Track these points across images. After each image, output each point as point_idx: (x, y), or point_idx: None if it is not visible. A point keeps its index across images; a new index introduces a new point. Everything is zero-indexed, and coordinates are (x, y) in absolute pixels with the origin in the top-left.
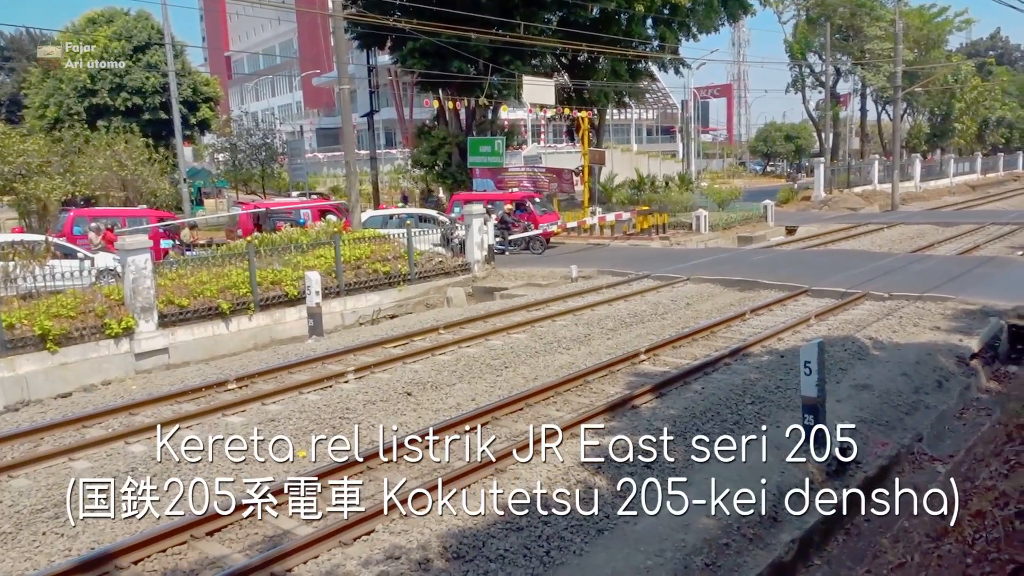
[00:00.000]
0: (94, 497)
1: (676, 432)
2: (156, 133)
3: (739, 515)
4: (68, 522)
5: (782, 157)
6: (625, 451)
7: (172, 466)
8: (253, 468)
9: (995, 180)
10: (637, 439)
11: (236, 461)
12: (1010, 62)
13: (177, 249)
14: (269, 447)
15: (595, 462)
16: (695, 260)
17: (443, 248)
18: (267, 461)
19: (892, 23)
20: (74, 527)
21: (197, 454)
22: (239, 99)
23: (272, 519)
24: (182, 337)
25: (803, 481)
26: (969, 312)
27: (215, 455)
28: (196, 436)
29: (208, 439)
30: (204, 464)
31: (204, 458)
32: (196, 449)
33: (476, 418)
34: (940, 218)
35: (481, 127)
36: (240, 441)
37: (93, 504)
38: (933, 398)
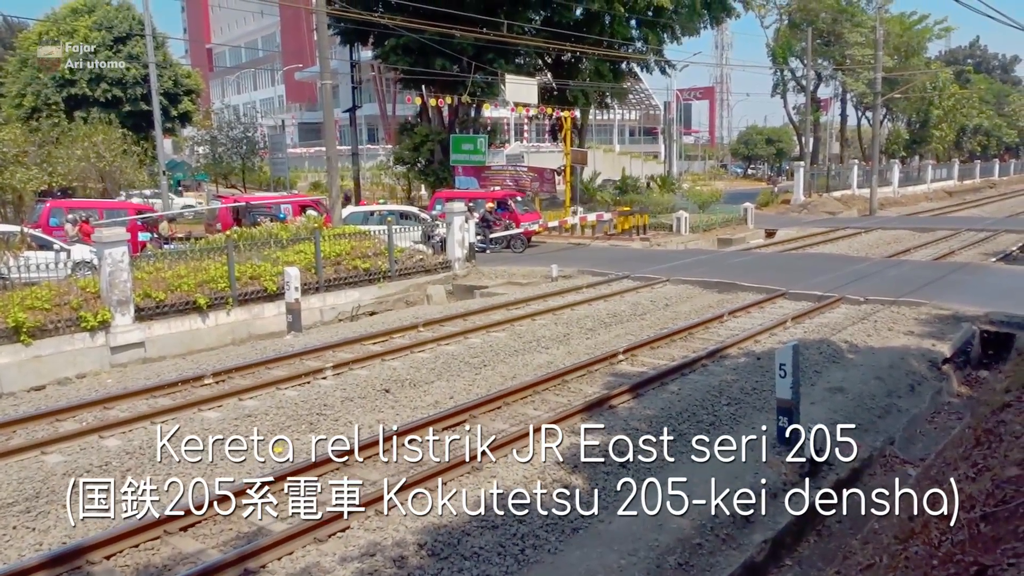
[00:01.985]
0: (70, 492)
1: (652, 432)
2: (136, 125)
3: (712, 515)
4: (39, 516)
5: (763, 160)
6: (601, 451)
7: (147, 461)
8: (228, 464)
9: (972, 187)
10: (613, 439)
11: (213, 456)
12: (988, 70)
13: (155, 243)
14: (246, 443)
15: (571, 461)
16: (675, 261)
17: (424, 245)
18: (245, 458)
19: (873, 30)
20: (46, 521)
21: (173, 448)
22: (220, 92)
23: (247, 516)
24: (159, 331)
25: (776, 482)
26: (942, 317)
27: (191, 451)
28: (172, 431)
29: (184, 434)
30: (180, 460)
31: (180, 453)
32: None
33: (453, 416)
34: (917, 224)
35: (464, 125)
36: (218, 437)
37: (65, 499)
38: (905, 402)
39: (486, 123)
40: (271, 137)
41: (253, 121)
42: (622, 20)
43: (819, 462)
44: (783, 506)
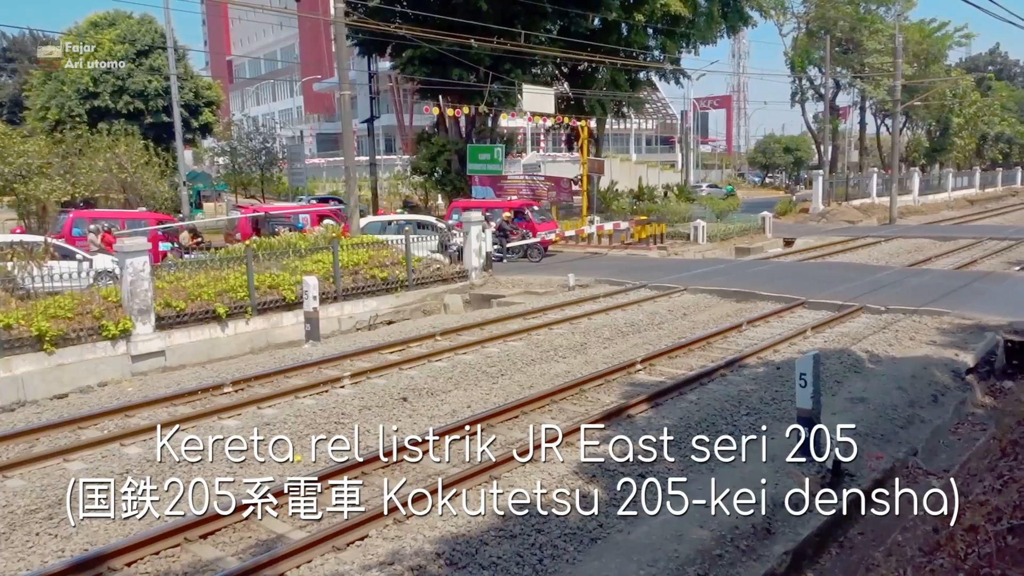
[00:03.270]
0: (90, 498)
1: (671, 442)
2: (158, 136)
3: (733, 526)
4: (62, 523)
5: (781, 169)
6: (620, 460)
7: (168, 468)
8: (249, 471)
9: (993, 195)
10: (632, 448)
11: (233, 463)
12: (1009, 77)
13: (176, 252)
14: (268, 449)
15: (590, 471)
16: (692, 270)
17: (441, 255)
18: (265, 463)
19: (892, 37)
20: (68, 528)
21: (194, 456)
22: (240, 103)
23: (267, 522)
24: (179, 340)
25: (797, 493)
26: (965, 327)
27: (212, 458)
28: (194, 438)
29: (206, 441)
30: (200, 466)
31: (200, 460)
32: (193, 451)
33: (471, 425)
34: (938, 232)
35: (481, 135)
36: (239, 443)
37: (88, 505)
38: (928, 412)
39: (503, 133)
40: (290, 148)
41: (272, 132)
42: (639, 29)
43: (841, 473)
44: (804, 517)
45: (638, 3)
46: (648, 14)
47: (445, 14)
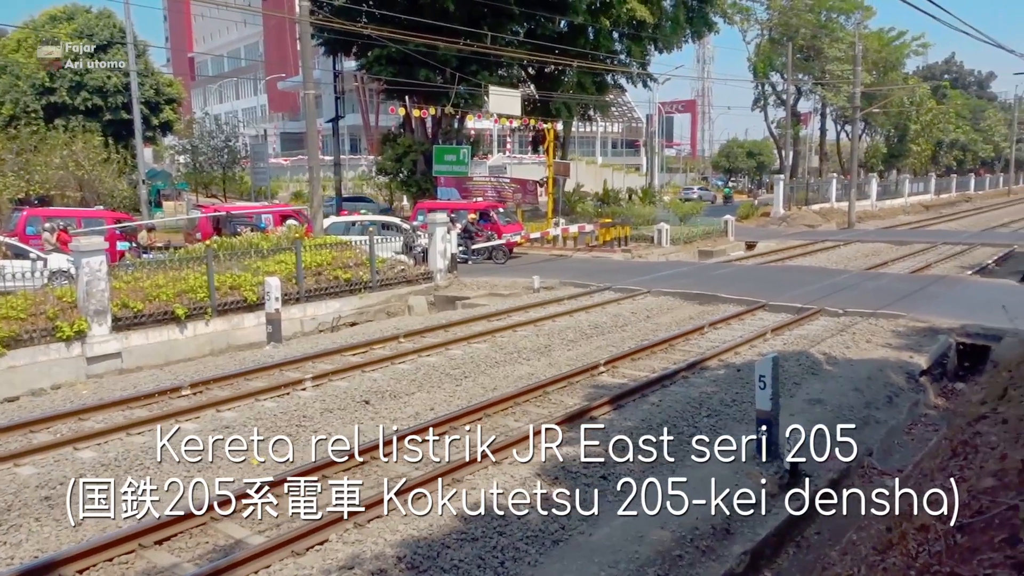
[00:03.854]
0: (40, 504)
1: (633, 444)
2: (117, 133)
3: (693, 527)
4: (12, 529)
5: (744, 173)
6: (582, 462)
7: (123, 472)
8: (207, 475)
9: (948, 200)
10: (594, 450)
11: (191, 467)
12: (964, 86)
13: (134, 252)
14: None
15: (552, 473)
16: (656, 273)
17: (405, 256)
18: (223, 467)
19: (852, 45)
20: (18, 535)
21: (150, 459)
22: (202, 101)
23: (225, 527)
24: (136, 341)
25: (756, 494)
26: (919, 330)
27: (168, 461)
28: (148, 441)
29: (161, 445)
30: (157, 470)
31: (157, 464)
32: (150, 454)
33: (434, 427)
34: (894, 237)
35: (447, 136)
36: (196, 446)
37: (39, 511)
38: (883, 413)
39: (469, 134)
40: (253, 146)
41: (235, 130)
42: (605, 33)
43: (799, 473)
44: (762, 517)
45: (604, 7)
46: (614, 19)
47: (412, 14)
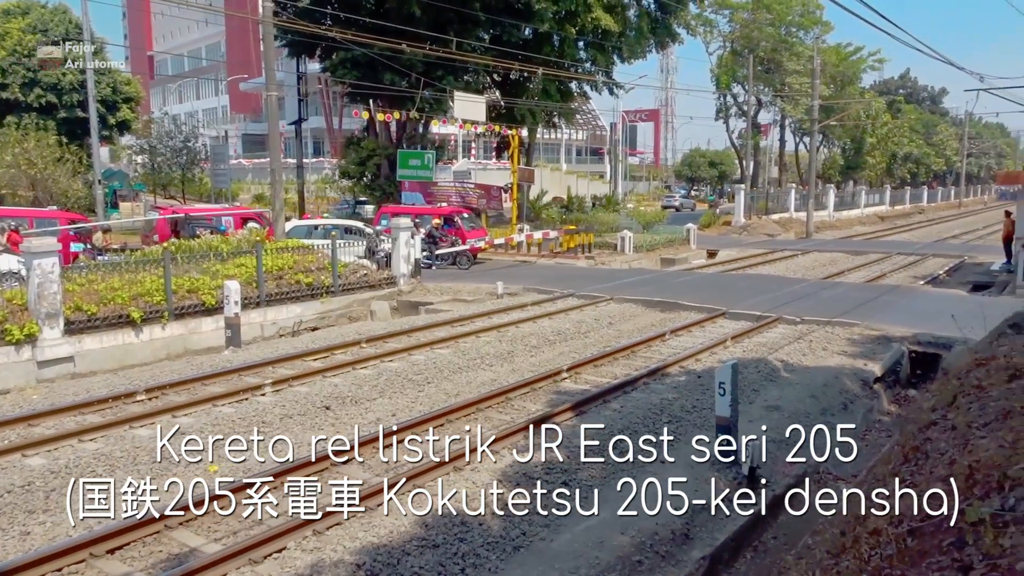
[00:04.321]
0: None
1: (594, 450)
2: (72, 132)
3: (653, 532)
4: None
5: (706, 182)
6: (544, 468)
7: (75, 480)
8: (162, 482)
9: (902, 212)
10: (555, 457)
11: (145, 474)
12: (918, 101)
13: (88, 253)
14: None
15: (514, 479)
16: (619, 280)
17: (368, 261)
18: (179, 473)
19: (810, 59)
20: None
21: (103, 466)
22: (162, 101)
23: (180, 535)
24: (90, 345)
25: (715, 499)
26: (874, 338)
27: (123, 468)
28: (101, 448)
29: (116, 451)
30: (110, 477)
31: (111, 471)
32: (103, 461)
33: (396, 433)
34: (851, 247)
35: (411, 140)
36: (152, 452)
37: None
38: (839, 420)
39: (434, 139)
40: (213, 148)
41: (195, 131)
42: (570, 41)
43: (757, 479)
44: (721, 522)
45: (570, 16)
46: (579, 27)
47: (377, 18)
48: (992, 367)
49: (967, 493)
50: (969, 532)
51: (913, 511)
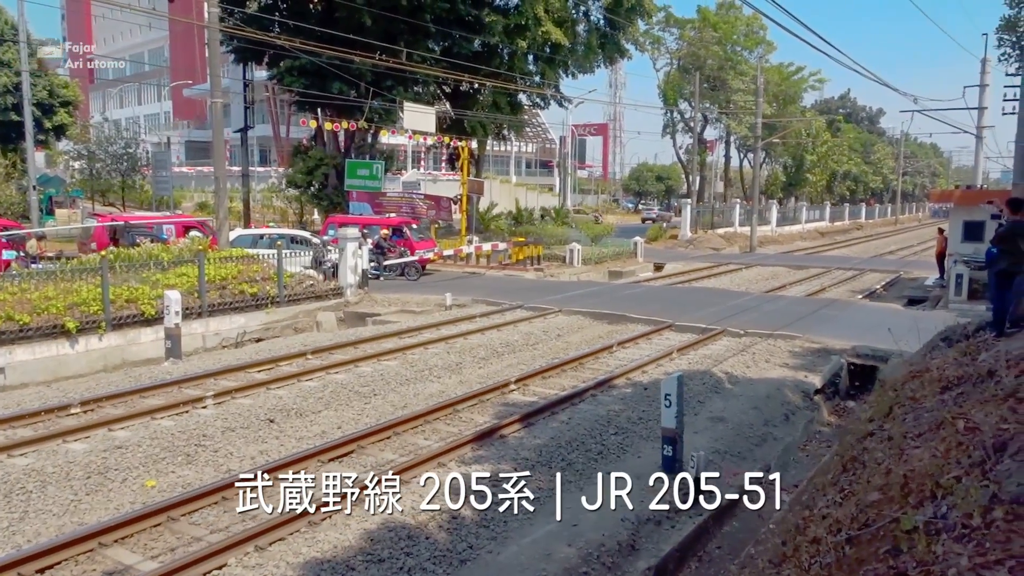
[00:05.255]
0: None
1: (542, 462)
2: (5, 136)
3: (599, 543)
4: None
5: (653, 196)
6: (491, 481)
7: (1, 497)
8: (97, 498)
9: (841, 228)
10: (503, 469)
11: (78, 491)
12: (857, 121)
13: (21, 261)
14: (119, 475)
15: (461, 492)
16: (567, 292)
17: (315, 271)
18: (115, 490)
19: (754, 78)
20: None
21: (34, 482)
22: (101, 105)
23: (115, 553)
24: (21, 356)
25: (661, 510)
26: (814, 350)
27: (55, 483)
28: (32, 463)
29: (48, 466)
30: (41, 493)
31: (42, 486)
32: (34, 477)
33: (341, 446)
34: (792, 261)
35: (360, 150)
36: (87, 468)
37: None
38: (780, 430)
39: (383, 149)
40: (155, 154)
41: (136, 137)
42: (520, 55)
43: (701, 490)
44: (667, 533)
45: (520, 29)
46: (530, 40)
47: (327, 27)
48: (926, 379)
49: (902, 502)
50: (904, 540)
51: (851, 520)
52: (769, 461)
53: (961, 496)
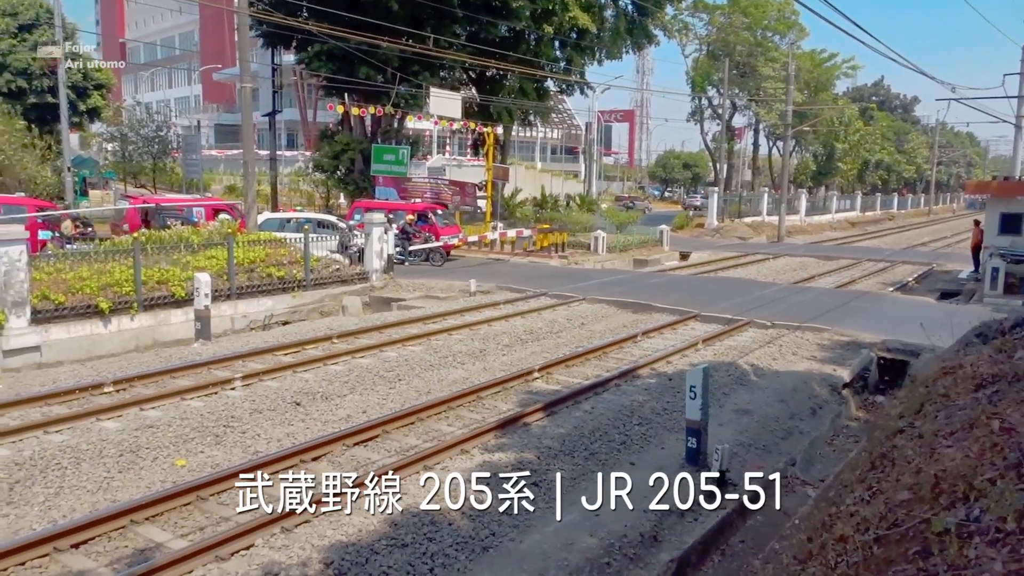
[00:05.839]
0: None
1: (565, 451)
2: (41, 118)
3: (621, 534)
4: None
5: (679, 184)
6: (514, 469)
7: (39, 472)
8: (129, 476)
9: (873, 218)
10: (526, 457)
11: (111, 468)
12: (890, 109)
13: (57, 242)
14: (151, 453)
15: (484, 479)
16: (592, 280)
17: (341, 255)
18: (147, 468)
19: (785, 65)
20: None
21: (69, 458)
22: (134, 88)
23: (145, 531)
24: (57, 335)
25: (684, 502)
26: (843, 343)
27: (89, 460)
28: (67, 440)
29: (82, 443)
30: (75, 470)
31: (76, 463)
32: (69, 453)
33: (366, 431)
34: (821, 252)
35: (386, 135)
36: (120, 446)
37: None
38: (807, 424)
39: (409, 134)
40: (185, 137)
41: (167, 120)
42: (547, 40)
43: (725, 482)
44: (690, 526)
45: (547, 14)
46: (556, 26)
47: (354, 11)
48: (959, 376)
49: (933, 503)
50: (934, 542)
51: (879, 519)
52: (795, 455)
53: (995, 499)
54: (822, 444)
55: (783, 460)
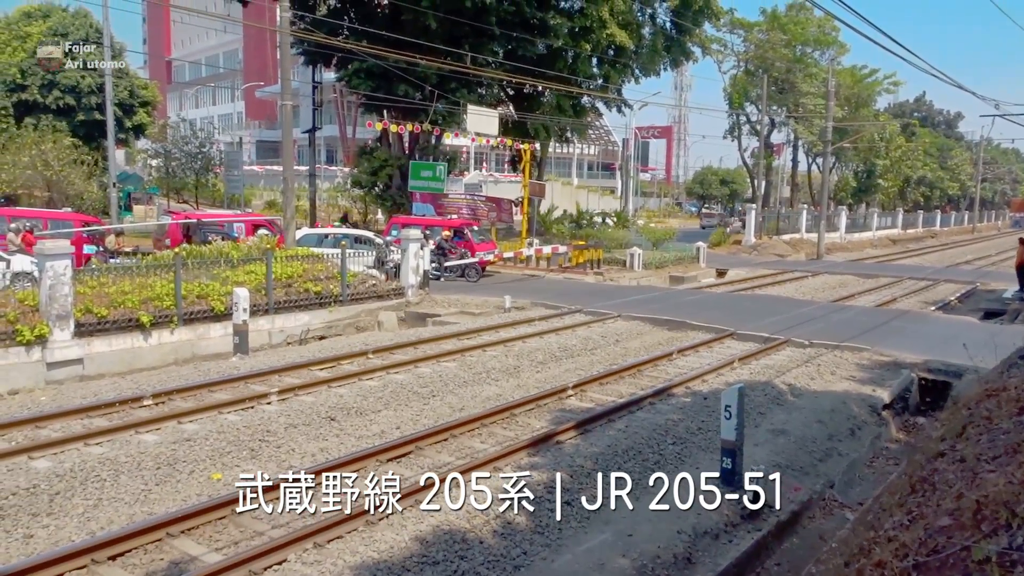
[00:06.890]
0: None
1: (598, 470)
2: (88, 134)
3: (655, 555)
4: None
5: (717, 200)
6: (546, 487)
7: (79, 484)
8: (166, 488)
9: (914, 236)
10: (558, 476)
11: (149, 481)
12: (933, 125)
13: (100, 256)
14: (187, 466)
15: (516, 498)
16: (627, 297)
17: (377, 271)
18: (183, 481)
19: (825, 81)
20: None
21: (108, 471)
22: (178, 105)
23: (181, 544)
24: (99, 348)
25: (719, 523)
26: (883, 363)
27: (127, 473)
28: (107, 452)
29: (121, 456)
30: (114, 483)
31: (115, 475)
32: (108, 466)
33: (399, 447)
34: (862, 270)
35: (424, 151)
36: (158, 459)
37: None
38: (845, 446)
39: (446, 151)
40: (227, 153)
41: (209, 136)
42: (584, 57)
43: (761, 504)
44: (724, 547)
45: (584, 32)
46: (594, 43)
47: (393, 30)
48: (1003, 398)
49: (974, 529)
50: (976, 570)
51: (919, 545)
52: (833, 478)
53: None
54: (861, 466)
55: (821, 482)
